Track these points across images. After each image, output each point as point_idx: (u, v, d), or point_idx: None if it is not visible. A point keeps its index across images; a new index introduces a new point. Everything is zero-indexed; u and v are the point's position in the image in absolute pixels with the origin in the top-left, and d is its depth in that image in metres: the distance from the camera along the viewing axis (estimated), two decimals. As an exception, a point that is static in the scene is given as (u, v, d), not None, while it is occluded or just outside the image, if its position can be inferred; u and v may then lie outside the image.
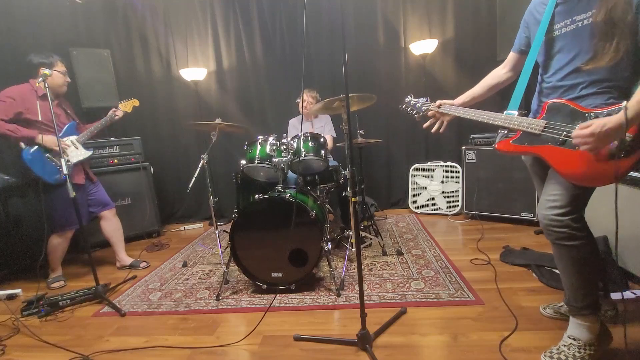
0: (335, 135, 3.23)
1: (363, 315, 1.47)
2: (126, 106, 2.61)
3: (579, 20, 1.19)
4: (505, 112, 1.34)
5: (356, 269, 1.47)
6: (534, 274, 2.05)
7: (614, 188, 1.14)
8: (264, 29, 3.72)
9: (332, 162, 2.71)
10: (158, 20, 3.76)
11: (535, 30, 1.32)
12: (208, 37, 3.77)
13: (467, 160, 3.15)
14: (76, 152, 2.40)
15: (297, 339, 1.62)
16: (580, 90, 1.21)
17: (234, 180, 2.53)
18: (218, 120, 2.36)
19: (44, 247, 2.36)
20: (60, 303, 2.09)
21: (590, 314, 1.29)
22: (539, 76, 1.37)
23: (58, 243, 2.43)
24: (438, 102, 1.59)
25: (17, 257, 2.70)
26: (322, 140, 2.33)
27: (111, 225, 2.66)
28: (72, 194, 1.97)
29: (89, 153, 2.46)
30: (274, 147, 2.23)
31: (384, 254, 2.56)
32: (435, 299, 1.87)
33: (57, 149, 2.11)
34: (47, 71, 2.02)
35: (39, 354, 1.69)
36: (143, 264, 2.71)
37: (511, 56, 1.49)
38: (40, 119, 2.24)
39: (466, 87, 1.62)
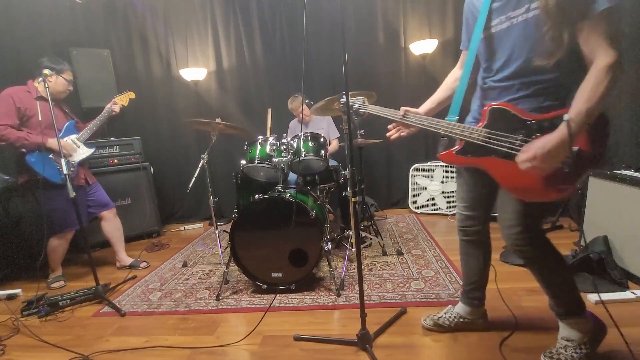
0: (339, 135, 3.23)
1: (363, 315, 1.47)
2: (122, 99, 2.57)
3: (513, 17, 1.12)
4: (446, 118, 1.26)
5: (356, 269, 1.47)
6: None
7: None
8: (264, 29, 3.72)
9: (332, 162, 2.71)
10: (158, 20, 3.76)
11: (474, 26, 1.24)
12: (208, 37, 3.77)
13: (467, 160, 3.14)
14: (78, 150, 2.40)
15: (297, 339, 1.62)
16: (516, 91, 1.15)
17: (234, 180, 2.54)
18: (218, 120, 2.36)
19: (44, 248, 2.35)
20: (60, 303, 2.09)
21: (574, 316, 1.29)
22: (480, 76, 1.30)
23: (58, 244, 2.43)
24: (402, 109, 1.41)
25: (17, 257, 2.70)
26: (322, 140, 2.33)
27: (111, 225, 2.66)
28: (72, 194, 1.97)
29: (91, 151, 2.46)
30: (274, 147, 2.24)
31: (384, 254, 2.56)
32: (435, 299, 1.87)
33: (64, 150, 2.12)
34: (47, 71, 2.02)
35: (39, 354, 1.69)
36: (143, 264, 2.71)
37: (462, 54, 1.40)
38: (40, 119, 2.24)
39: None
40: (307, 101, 3.07)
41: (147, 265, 2.71)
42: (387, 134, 1.49)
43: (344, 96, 1.55)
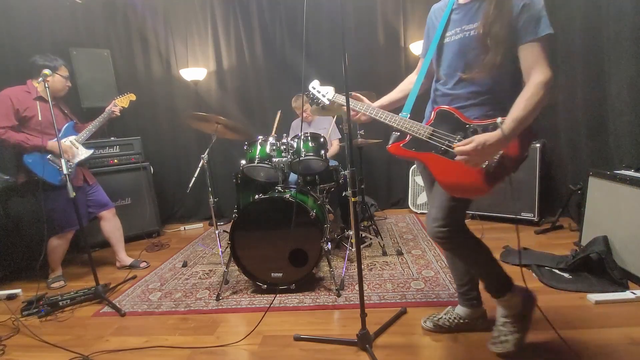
0: (340, 136, 3.23)
1: (363, 315, 1.47)
2: (123, 101, 2.57)
3: (467, 29, 1.22)
4: (400, 114, 1.37)
5: (356, 269, 1.47)
6: (534, 274, 2.05)
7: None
8: (264, 29, 3.71)
9: (332, 162, 2.71)
10: (158, 20, 3.76)
11: (433, 35, 1.34)
12: (208, 37, 3.77)
13: (467, 160, 3.14)
14: (77, 152, 2.40)
15: (297, 339, 1.62)
16: (466, 99, 1.26)
17: (234, 180, 2.53)
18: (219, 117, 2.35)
19: (44, 248, 2.35)
20: (60, 303, 2.09)
21: (505, 293, 1.38)
22: (434, 82, 1.40)
23: (58, 244, 2.43)
24: (354, 94, 1.50)
25: (17, 257, 2.70)
26: (322, 140, 2.33)
27: (111, 225, 2.66)
28: (72, 194, 1.97)
29: (89, 152, 2.45)
30: (274, 147, 2.24)
31: (384, 254, 2.56)
32: (435, 299, 1.87)
33: (65, 155, 2.14)
34: (47, 71, 2.02)
35: (39, 354, 1.69)
36: (143, 264, 2.71)
37: (420, 62, 1.49)
38: (40, 119, 2.24)
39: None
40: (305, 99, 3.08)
41: (147, 265, 2.71)
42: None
43: (307, 90, 1.71)
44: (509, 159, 1.15)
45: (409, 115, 1.36)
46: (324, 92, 1.63)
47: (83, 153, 2.42)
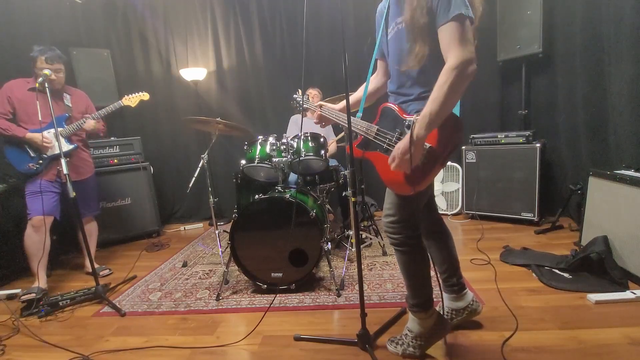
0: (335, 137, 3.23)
1: (363, 315, 1.47)
2: (131, 100, 2.50)
3: (398, 23, 1.21)
4: (356, 115, 1.39)
5: (356, 269, 1.47)
6: (534, 274, 2.05)
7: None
8: (264, 29, 3.72)
9: (332, 162, 2.71)
10: (158, 20, 3.76)
11: (379, 35, 1.35)
12: (208, 37, 3.77)
13: (467, 160, 3.15)
14: (55, 145, 2.28)
15: (297, 339, 1.62)
16: (408, 95, 1.25)
17: (234, 180, 2.54)
18: (218, 119, 2.36)
19: (43, 246, 2.33)
20: (60, 303, 2.09)
21: (419, 311, 1.39)
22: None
23: (33, 241, 2.27)
24: (319, 103, 1.61)
25: (17, 257, 2.69)
26: (322, 140, 2.33)
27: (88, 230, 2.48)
28: (72, 194, 1.97)
29: (70, 147, 2.35)
30: (274, 147, 2.24)
31: (384, 254, 2.56)
32: (435, 299, 1.87)
33: (40, 145, 2.21)
34: (47, 71, 2.02)
35: (39, 354, 1.69)
36: (105, 272, 2.63)
37: (378, 62, 1.50)
38: (27, 110, 2.23)
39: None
40: (319, 91, 3.21)
41: (110, 272, 2.64)
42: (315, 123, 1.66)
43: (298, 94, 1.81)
44: (433, 153, 1.13)
45: (360, 115, 1.39)
46: (300, 99, 1.77)
47: (63, 147, 2.22)
